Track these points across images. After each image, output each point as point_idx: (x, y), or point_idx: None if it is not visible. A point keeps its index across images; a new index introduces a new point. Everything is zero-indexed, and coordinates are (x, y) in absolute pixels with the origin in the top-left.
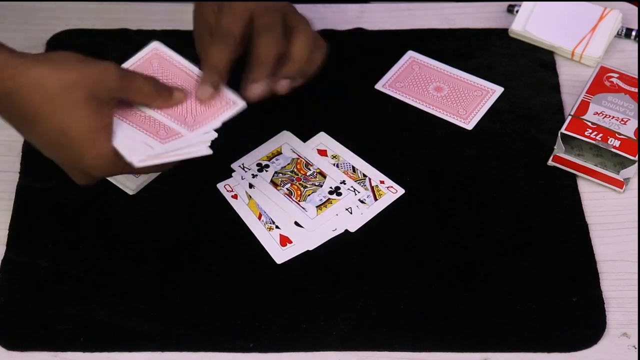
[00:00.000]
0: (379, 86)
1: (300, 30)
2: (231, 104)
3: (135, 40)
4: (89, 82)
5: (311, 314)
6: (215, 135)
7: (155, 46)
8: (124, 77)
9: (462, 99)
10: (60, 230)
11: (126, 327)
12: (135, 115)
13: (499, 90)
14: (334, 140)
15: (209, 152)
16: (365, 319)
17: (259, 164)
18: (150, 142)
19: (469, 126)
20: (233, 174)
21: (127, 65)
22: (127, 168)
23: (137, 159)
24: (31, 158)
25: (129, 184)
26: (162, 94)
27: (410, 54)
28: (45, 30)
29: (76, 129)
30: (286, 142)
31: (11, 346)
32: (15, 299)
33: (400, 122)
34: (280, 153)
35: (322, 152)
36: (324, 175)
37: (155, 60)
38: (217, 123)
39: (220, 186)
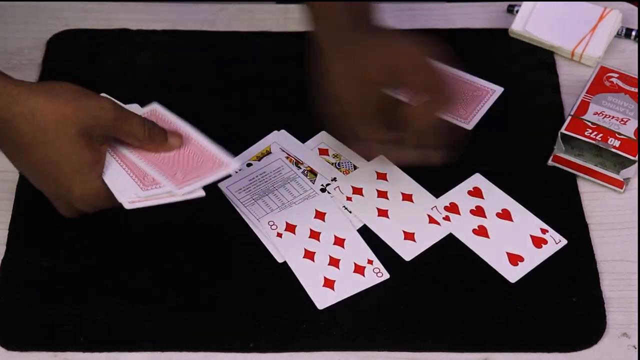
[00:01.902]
0: None
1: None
2: (223, 166)
3: (135, 40)
4: (83, 118)
5: (311, 314)
6: (211, 180)
7: (153, 105)
8: (119, 118)
9: (462, 99)
10: (60, 230)
11: (126, 327)
12: (130, 157)
13: (499, 90)
14: (336, 140)
15: (202, 193)
16: (365, 319)
17: (249, 164)
18: (142, 190)
19: (469, 126)
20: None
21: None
22: (115, 203)
23: (128, 200)
24: None
25: None
26: (155, 139)
27: None
28: (45, 30)
29: (66, 164)
30: (275, 141)
31: (11, 346)
32: (15, 299)
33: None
34: (270, 152)
35: (324, 151)
36: (314, 173)
37: (151, 116)
38: (206, 182)
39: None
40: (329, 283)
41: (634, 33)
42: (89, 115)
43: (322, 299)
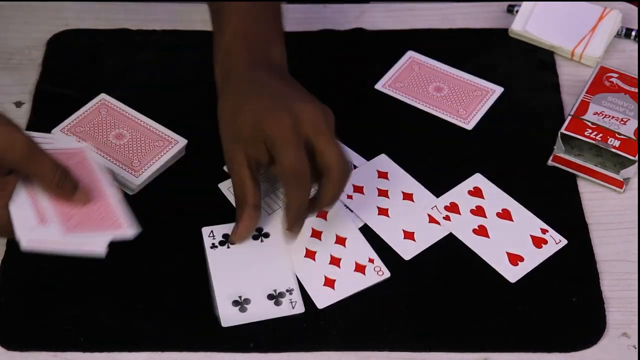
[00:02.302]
0: (379, 86)
1: (333, 171)
2: (121, 228)
3: (135, 40)
4: None
5: (311, 313)
6: (110, 238)
7: (85, 148)
8: (30, 156)
9: (462, 99)
10: None
11: (126, 327)
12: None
13: (499, 90)
14: None
15: (102, 254)
16: (365, 319)
17: None
18: (48, 227)
19: (469, 126)
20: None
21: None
22: (13, 235)
23: (25, 241)
24: None
25: (129, 184)
26: (63, 189)
27: (410, 54)
28: (45, 30)
29: None
30: None
31: (11, 346)
32: (15, 299)
33: (400, 122)
34: None
35: None
36: None
37: (76, 156)
38: (97, 237)
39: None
40: (329, 282)
41: (634, 33)
42: None
43: (323, 298)
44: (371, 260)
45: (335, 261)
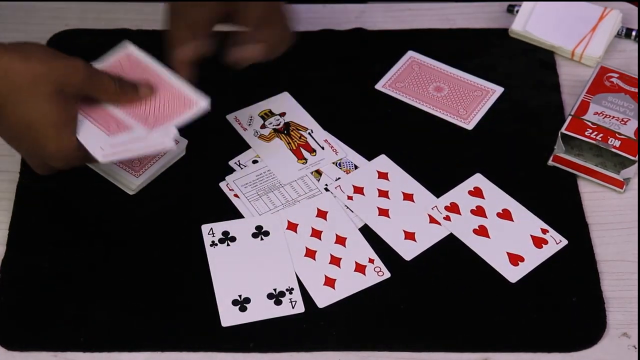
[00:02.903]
0: (379, 86)
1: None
2: (193, 105)
3: (135, 40)
4: (56, 77)
5: (311, 313)
6: (176, 131)
7: (127, 48)
8: (90, 76)
9: (462, 99)
10: (60, 230)
11: (126, 327)
12: (101, 110)
13: (499, 90)
14: (337, 140)
15: (173, 145)
16: (365, 319)
17: (254, 161)
18: (112, 138)
19: (469, 126)
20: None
21: (97, 65)
22: (87, 160)
23: (102, 155)
24: None
25: (129, 184)
26: (127, 92)
27: (410, 54)
28: (45, 30)
29: (41, 122)
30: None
31: (11, 346)
32: (15, 299)
33: (400, 122)
34: None
35: None
36: (319, 173)
37: (125, 61)
38: (177, 122)
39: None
40: (329, 282)
41: (634, 33)
42: (62, 74)
43: (323, 297)
44: (371, 261)
45: (335, 261)
